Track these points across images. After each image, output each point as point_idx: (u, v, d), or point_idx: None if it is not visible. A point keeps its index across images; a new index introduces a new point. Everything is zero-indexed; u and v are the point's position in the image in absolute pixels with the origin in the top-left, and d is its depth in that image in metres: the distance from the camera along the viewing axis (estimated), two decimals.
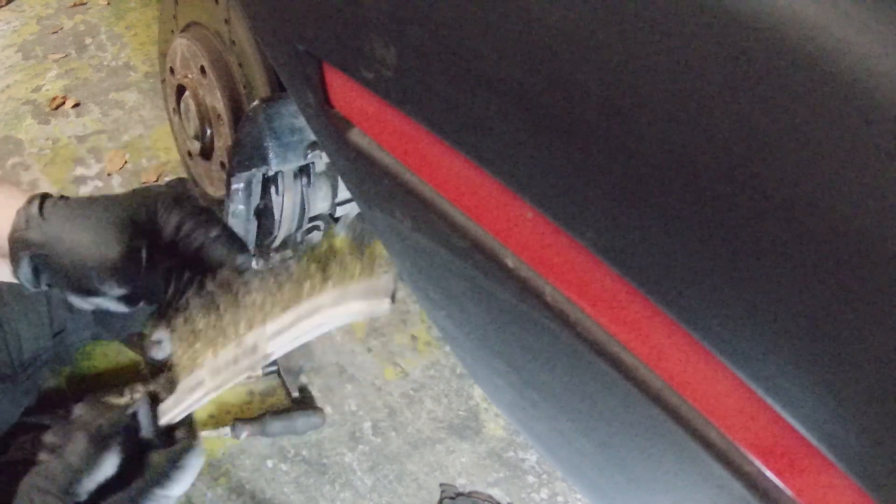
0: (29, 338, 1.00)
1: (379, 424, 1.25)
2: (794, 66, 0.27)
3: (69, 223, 0.55)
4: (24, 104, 1.78)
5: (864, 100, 0.26)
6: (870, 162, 0.26)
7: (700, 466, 0.41)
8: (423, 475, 1.19)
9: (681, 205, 0.33)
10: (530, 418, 0.67)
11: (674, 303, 0.37)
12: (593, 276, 0.42)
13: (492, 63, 0.38)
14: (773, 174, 0.29)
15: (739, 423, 0.38)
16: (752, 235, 0.31)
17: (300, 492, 1.15)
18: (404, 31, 0.43)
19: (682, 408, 0.41)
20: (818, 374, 0.31)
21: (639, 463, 0.51)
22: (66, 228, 0.55)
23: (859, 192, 0.27)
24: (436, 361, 1.35)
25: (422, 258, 0.60)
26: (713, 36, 0.29)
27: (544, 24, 0.34)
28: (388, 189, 0.56)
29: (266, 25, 0.61)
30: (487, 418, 1.28)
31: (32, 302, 1.00)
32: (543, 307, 0.46)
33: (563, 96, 0.35)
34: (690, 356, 0.39)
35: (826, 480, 0.35)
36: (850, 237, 0.28)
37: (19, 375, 1.00)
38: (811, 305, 0.30)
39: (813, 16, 0.26)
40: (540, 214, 0.42)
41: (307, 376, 1.29)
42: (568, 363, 0.49)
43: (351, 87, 0.54)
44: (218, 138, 1.11)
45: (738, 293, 0.33)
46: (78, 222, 0.55)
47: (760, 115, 0.28)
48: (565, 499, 1.19)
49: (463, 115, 0.43)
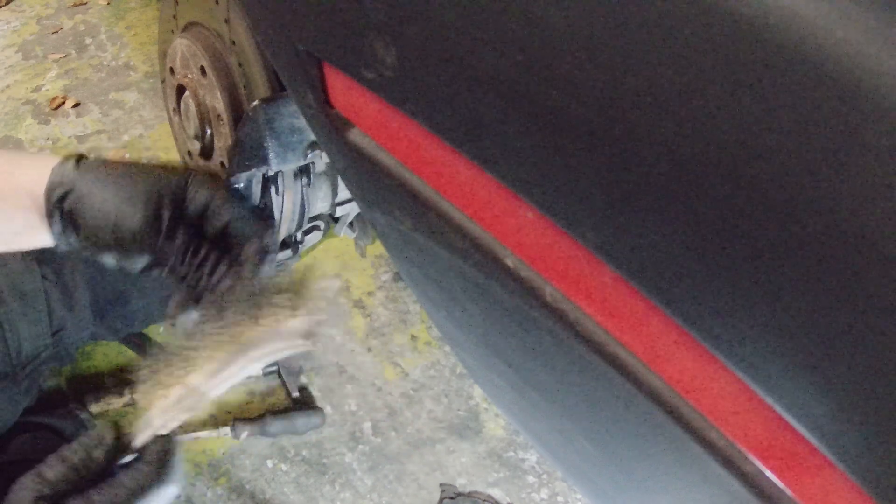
0: (28, 336, 1.00)
1: (379, 424, 1.25)
2: (793, 66, 0.27)
3: (101, 183, 0.57)
4: (24, 104, 1.78)
5: (864, 100, 0.26)
6: (870, 162, 0.26)
7: (700, 466, 0.41)
8: (423, 475, 1.19)
9: (681, 204, 0.33)
10: (530, 418, 0.67)
11: (674, 302, 0.37)
12: (593, 275, 0.42)
13: (492, 63, 0.38)
14: (773, 174, 0.29)
15: (739, 423, 0.38)
16: (752, 235, 0.31)
17: (300, 492, 1.15)
18: (404, 31, 0.43)
19: (682, 408, 0.41)
20: (818, 373, 0.31)
21: (639, 463, 0.51)
22: (97, 188, 0.57)
23: (859, 192, 0.27)
24: (436, 361, 1.35)
25: (422, 258, 0.60)
26: (713, 36, 0.29)
27: (544, 23, 0.34)
28: (388, 189, 0.56)
29: (266, 25, 0.61)
30: (487, 418, 1.28)
31: (32, 300, 1.00)
32: (543, 307, 0.46)
33: (563, 96, 0.35)
34: (690, 356, 0.39)
35: (826, 480, 0.35)
36: (850, 237, 0.28)
37: (18, 374, 1.00)
38: (811, 305, 0.30)
39: (813, 16, 0.26)
40: (540, 214, 0.42)
41: (307, 376, 1.29)
42: (568, 363, 0.49)
43: (351, 87, 0.54)
44: (218, 138, 1.11)
45: (738, 293, 0.33)
46: (109, 183, 0.57)
47: (760, 115, 0.28)
48: (565, 499, 1.19)
49: (463, 115, 0.43)
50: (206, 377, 0.55)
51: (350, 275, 1.47)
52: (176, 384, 0.55)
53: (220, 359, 0.55)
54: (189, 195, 0.58)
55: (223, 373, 0.56)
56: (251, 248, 0.58)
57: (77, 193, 0.57)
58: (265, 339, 0.56)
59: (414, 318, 1.42)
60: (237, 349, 0.56)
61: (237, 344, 0.56)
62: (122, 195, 0.56)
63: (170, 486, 0.53)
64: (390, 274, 1.48)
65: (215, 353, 0.56)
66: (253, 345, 0.56)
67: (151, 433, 0.55)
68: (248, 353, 0.56)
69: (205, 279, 0.58)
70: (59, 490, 0.51)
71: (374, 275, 1.48)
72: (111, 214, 0.56)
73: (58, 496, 0.51)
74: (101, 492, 0.51)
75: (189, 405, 0.55)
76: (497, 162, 0.43)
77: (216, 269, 0.58)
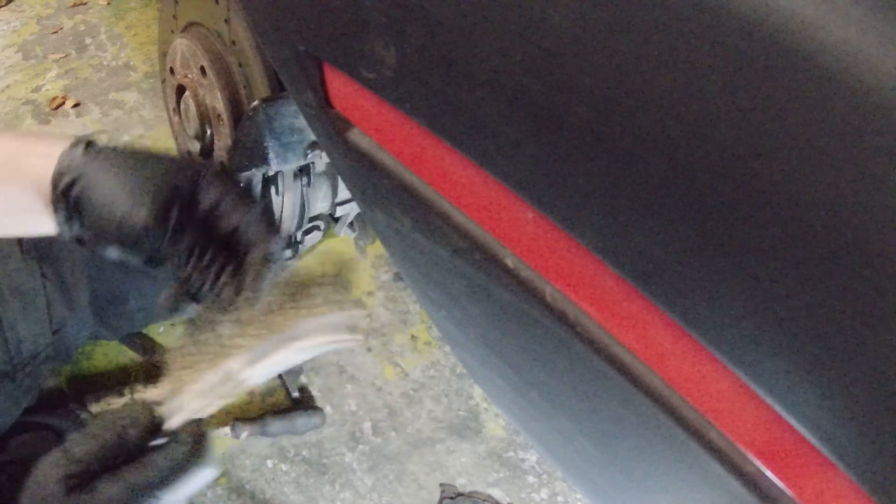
0: (28, 335, 1.00)
1: (379, 424, 1.25)
2: (793, 66, 0.27)
3: (109, 173, 0.54)
4: (24, 104, 1.78)
5: (864, 100, 0.26)
6: (870, 161, 0.26)
7: (700, 466, 0.41)
8: (423, 475, 1.19)
9: (681, 205, 0.33)
10: (530, 418, 0.67)
11: (674, 303, 0.37)
12: (593, 276, 0.42)
13: (492, 63, 0.38)
14: (773, 174, 0.29)
15: (739, 423, 0.38)
16: (752, 235, 0.31)
17: (300, 492, 1.15)
18: (404, 31, 0.43)
19: (682, 408, 0.41)
20: (818, 373, 0.31)
21: (639, 463, 0.51)
22: (105, 177, 0.54)
23: (859, 192, 0.27)
24: (436, 361, 1.35)
25: (422, 258, 0.60)
26: (713, 36, 0.29)
27: (544, 23, 0.34)
28: (388, 189, 0.56)
29: (266, 25, 0.61)
30: (487, 418, 1.28)
31: (32, 299, 1.00)
32: (543, 307, 0.46)
33: (563, 96, 0.35)
34: (691, 356, 0.39)
35: (826, 480, 0.35)
36: (850, 237, 0.28)
37: (18, 373, 1.00)
38: (812, 305, 0.30)
39: (813, 15, 0.26)
40: (540, 214, 0.42)
41: (307, 376, 1.29)
42: (568, 363, 0.49)
43: (351, 87, 0.54)
44: (218, 138, 1.11)
45: (738, 293, 0.33)
46: (118, 173, 0.54)
47: (760, 115, 0.28)
48: (565, 499, 1.19)
49: (463, 115, 0.43)
50: (244, 364, 0.53)
51: (350, 275, 1.47)
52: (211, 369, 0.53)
53: (260, 346, 0.53)
54: (201, 192, 0.56)
55: (264, 361, 0.53)
56: (257, 255, 0.56)
57: (84, 182, 0.54)
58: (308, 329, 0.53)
59: (414, 318, 1.42)
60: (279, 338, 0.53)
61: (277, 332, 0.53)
62: (130, 187, 0.53)
63: (206, 468, 0.51)
64: (390, 274, 1.48)
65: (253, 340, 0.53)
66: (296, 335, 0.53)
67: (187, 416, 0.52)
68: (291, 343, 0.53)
69: (208, 284, 0.56)
70: (88, 469, 0.48)
71: (374, 275, 1.48)
72: (118, 207, 0.53)
73: (87, 475, 0.48)
74: (133, 471, 0.48)
75: (225, 391, 0.53)
76: (497, 162, 0.43)
77: (221, 274, 0.56)
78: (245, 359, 0.53)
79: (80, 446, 0.49)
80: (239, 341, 0.54)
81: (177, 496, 0.50)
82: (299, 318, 0.53)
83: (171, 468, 0.49)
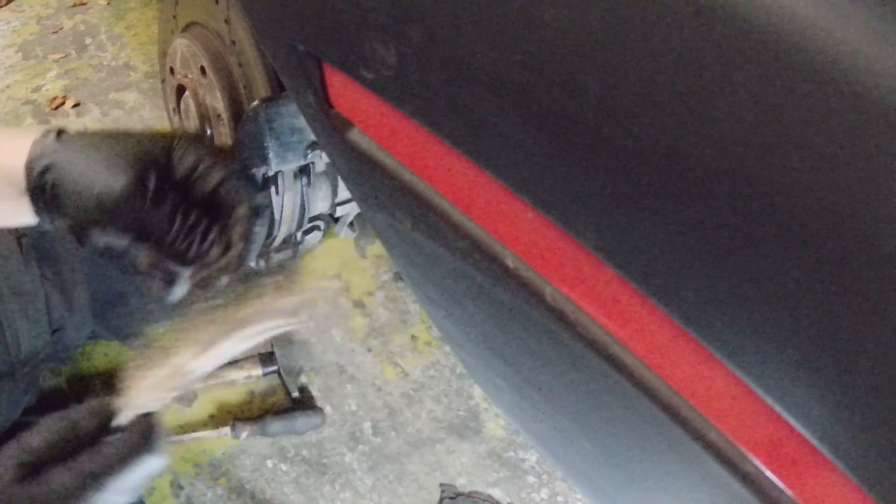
0: (27, 335, 1.00)
1: (379, 424, 1.25)
2: (793, 66, 0.27)
3: (83, 154, 0.55)
4: (24, 104, 1.78)
5: (864, 100, 0.26)
6: (869, 161, 0.26)
7: (700, 466, 0.41)
8: (423, 475, 1.19)
9: (681, 205, 0.33)
10: (530, 418, 0.67)
11: (674, 303, 0.37)
12: (593, 276, 0.42)
13: (492, 62, 0.38)
14: (773, 174, 0.29)
15: (739, 422, 0.38)
16: (753, 235, 0.31)
17: (300, 492, 1.15)
18: (404, 31, 0.43)
19: (682, 407, 0.41)
20: (818, 373, 0.31)
21: (638, 463, 0.51)
22: (79, 158, 0.54)
23: (859, 192, 0.27)
24: (436, 361, 1.35)
25: (422, 258, 0.60)
26: (712, 35, 0.29)
27: (544, 23, 0.34)
28: (388, 189, 0.56)
29: (266, 25, 0.61)
30: (487, 418, 1.28)
31: (31, 299, 1.00)
32: (543, 307, 0.46)
33: (563, 96, 0.35)
34: (690, 356, 0.39)
35: (826, 480, 0.35)
36: (850, 237, 0.28)
37: (18, 373, 1.00)
38: (812, 305, 0.30)
39: (813, 15, 0.26)
40: (540, 214, 0.42)
41: (307, 376, 1.29)
42: (568, 363, 0.49)
43: (351, 87, 0.54)
44: (218, 138, 1.11)
45: (738, 293, 0.33)
46: (90, 152, 0.55)
47: (760, 115, 0.28)
48: (565, 499, 1.19)
49: (463, 114, 0.43)
50: (191, 356, 0.55)
51: (350, 275, 1.47)
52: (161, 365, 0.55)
53: (206, 338, 0.55)
54: (175, 159, 0.56)
55: (209, 352, 0.55)
56: (241, 210, 0.57)
57: (58, 167, 0.54)
58: (254, 318, 0.55)
59: (414, 318, 1.42)
60: (226, 329, 0.55)
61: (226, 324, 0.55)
62: (105, 163, 0.54)
63: (153, 457, 0.53)
64: (390, 274, 1.48)
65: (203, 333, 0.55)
66: (241, 324, 0.55)
67: (134, 412, 0.55)
68: (235, 332, 0.55)
69: (196, 245, 0.56)
70: (42, 458, 0.50)
71: (374, 275, 1.48)
72: (94, 183, 0.53)
73: (41, 464, 0.50)
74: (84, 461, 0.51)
75: (174, 384, 0.55)
76: (497, 162, 0.43)
77: (207, 233, 0.57)
78: (191, 352, 0.55)
79: (34, 437, 0.51)
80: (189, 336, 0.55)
81: (124, 484, 0.52)
82: (246, 309, 0.55)
83: (120, 458, 0.51)
